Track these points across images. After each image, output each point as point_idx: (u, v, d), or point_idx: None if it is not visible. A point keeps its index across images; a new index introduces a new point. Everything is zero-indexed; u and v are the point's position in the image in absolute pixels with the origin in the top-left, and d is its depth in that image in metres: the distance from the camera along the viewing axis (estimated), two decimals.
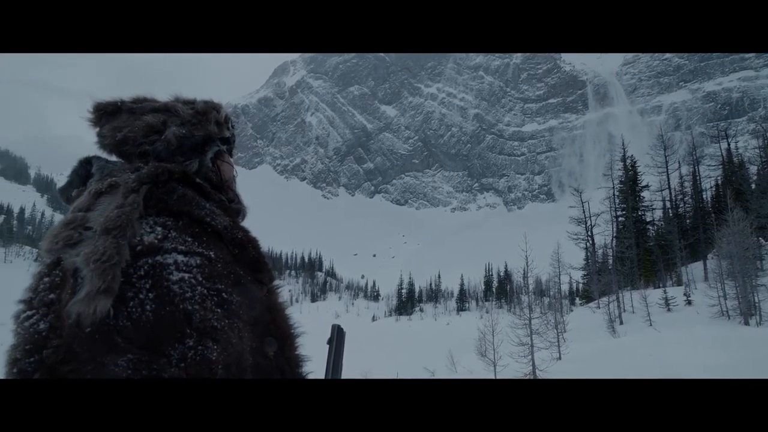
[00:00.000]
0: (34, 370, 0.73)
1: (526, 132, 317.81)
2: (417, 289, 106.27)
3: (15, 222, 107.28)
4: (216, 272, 0.84)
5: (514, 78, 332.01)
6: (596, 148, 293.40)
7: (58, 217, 1.12)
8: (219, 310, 0.80)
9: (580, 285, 42.56)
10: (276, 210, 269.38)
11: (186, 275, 0.80)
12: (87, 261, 0.75)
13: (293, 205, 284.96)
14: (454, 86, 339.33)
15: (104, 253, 0.75)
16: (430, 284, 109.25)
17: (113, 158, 1.00)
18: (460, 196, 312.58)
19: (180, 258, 0.81)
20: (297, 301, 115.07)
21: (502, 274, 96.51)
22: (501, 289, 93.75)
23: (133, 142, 0.98)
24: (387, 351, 38.69)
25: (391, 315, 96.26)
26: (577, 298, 48.08)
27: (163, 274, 0.78)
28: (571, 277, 36.59)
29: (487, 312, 56.98)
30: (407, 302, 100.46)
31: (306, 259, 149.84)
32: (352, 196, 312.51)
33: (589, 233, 32.95)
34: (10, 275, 52.30)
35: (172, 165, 0.95)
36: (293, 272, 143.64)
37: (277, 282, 1.01)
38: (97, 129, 1.02)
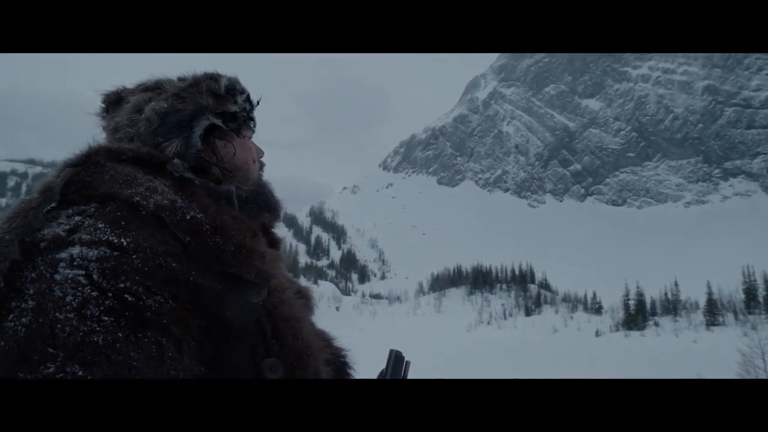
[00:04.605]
0: None
1: None
2: (648, 300, 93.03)
3: None
4: (128, 267, 0.62)
5: None
6: None
7: None
8: (109, 319, 0.58)
9: None
10: (482, 225, 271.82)
11: (74, 273, 0.60)
12: None
13: (499, 218, 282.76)
14: (671, 60, 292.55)
15: None
16: (665, 293, 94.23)
17: None
18: (695, 188, 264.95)
19: (77, 251, 0.62)
20: (510, 315, 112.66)
21: None
22: None
23: (121, 127, 0.87)
24: (616, 373, 34.25)
25: (617, 329, 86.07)
26: None
27: (48, 274, 0.60)
28: None
29: (752, 328, 45.92)
30: (636, 315, 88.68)
31: (516, 272, 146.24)
32: (561, 201, 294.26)
33: None
34: None
35: (123, 144, 0.81)
36: (504, 286, 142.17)
37: (280, 281, 0.78)
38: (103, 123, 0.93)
